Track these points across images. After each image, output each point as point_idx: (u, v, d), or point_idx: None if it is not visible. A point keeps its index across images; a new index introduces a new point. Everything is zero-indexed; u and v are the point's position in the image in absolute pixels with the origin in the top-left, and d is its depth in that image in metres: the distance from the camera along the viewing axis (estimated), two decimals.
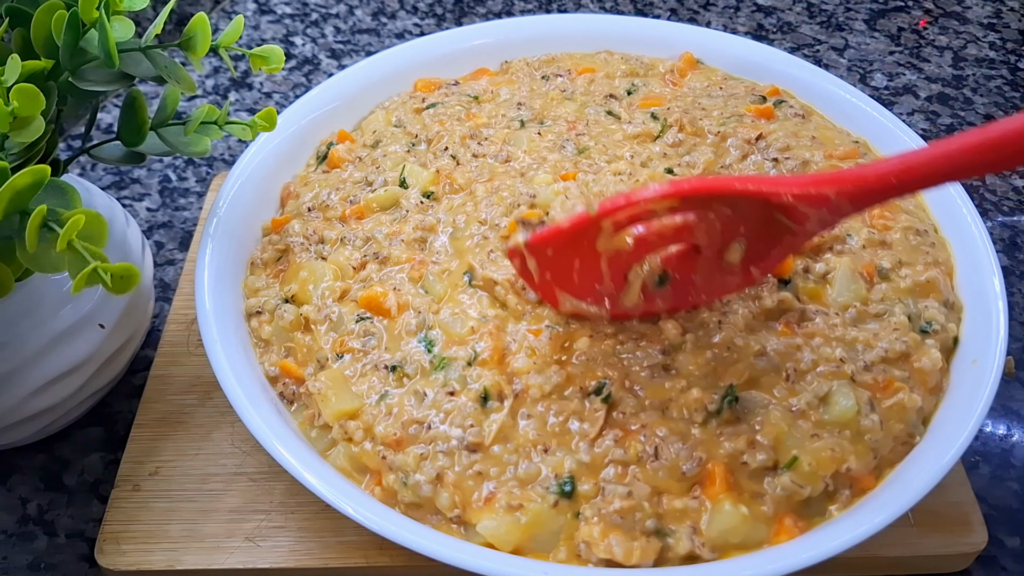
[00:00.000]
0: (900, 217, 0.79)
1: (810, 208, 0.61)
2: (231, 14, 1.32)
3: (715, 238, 0.66)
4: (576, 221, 0.65)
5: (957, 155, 0.56)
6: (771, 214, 0.63)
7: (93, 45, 0.65)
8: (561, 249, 0.67)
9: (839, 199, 0.60)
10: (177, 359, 0.86)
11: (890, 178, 0.59)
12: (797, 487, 0.65)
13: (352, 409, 0.70)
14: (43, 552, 0.77)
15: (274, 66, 0.74)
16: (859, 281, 0.74)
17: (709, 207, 0.64)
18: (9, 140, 0.60)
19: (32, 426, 0.78)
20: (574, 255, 0.68)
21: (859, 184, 0.60)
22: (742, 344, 0.69)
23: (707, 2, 1.34)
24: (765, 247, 0.65)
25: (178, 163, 1.10)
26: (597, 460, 0.65)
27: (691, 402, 0.67)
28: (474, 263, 0.74)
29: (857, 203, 0.61)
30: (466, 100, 0.92)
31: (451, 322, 0.72)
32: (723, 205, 0.64)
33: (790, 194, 0.61)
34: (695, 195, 0.63)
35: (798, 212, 0.62)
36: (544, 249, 0.67)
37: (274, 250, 0.82)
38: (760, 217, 0.63)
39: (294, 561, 0.73)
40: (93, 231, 0.58)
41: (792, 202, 0.61)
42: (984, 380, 0.70)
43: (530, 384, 0.68)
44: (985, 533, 0.74)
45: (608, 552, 0.63)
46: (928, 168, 0.58)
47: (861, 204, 0.61)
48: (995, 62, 1.25)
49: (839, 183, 0.60)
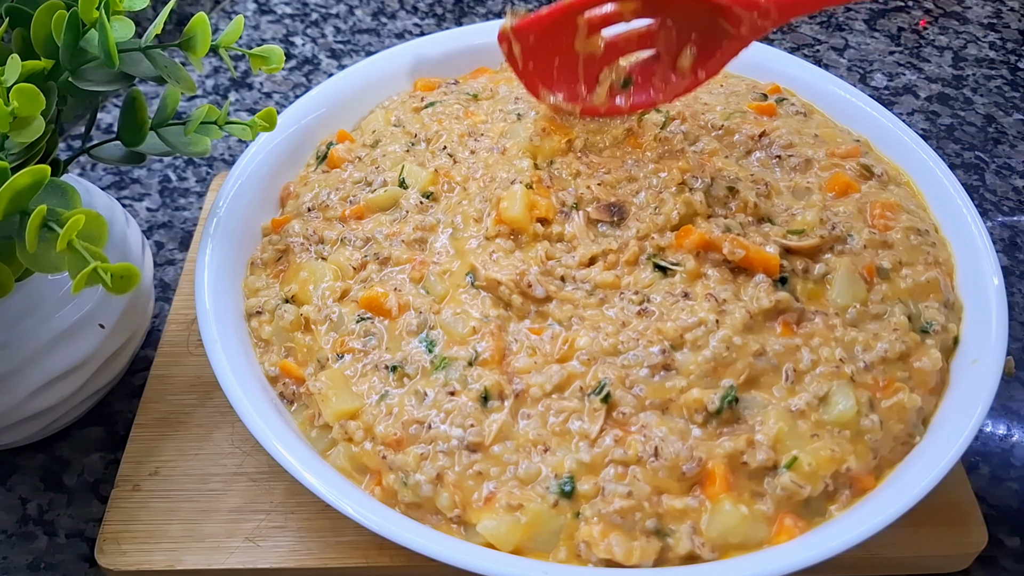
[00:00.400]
0: (901, 217, 0.79)
1: (744, 11, 0.74)
2: (231, 14, 1.32)
3: (671, 44, 0.80)
4: (555, 8, 0.78)
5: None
6: (715, 20, 0.76)
7: (93, 45, 0.65)
8: (542, 39, 0.80)
9: (767, 3, 0.73)
10: (177, 359, 0.86)
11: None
12: (797, 487, 0.65)
13: (352, 409, 0.70)
14: (43, 552, 0.77)
15: (274, 66, 0.74)
16: (859, 282, 0.74)
17: (666, 12, 0.79)
18: (9, 140, 0.60)
19: (32, 426, 0.78)
20: (554, 52, 0.81)
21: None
22: (741, 343, 0.69)
23: None
24: (710, 51, 0.78)
25: (178, 163, 1.10)
26: (597, 460, 0.65)
27: (691, 402, 0.67)
28: (476, 263, 0.74)
29: (784, 10, 0.73)
30: (465, 98, 0.92)
31: (452, 322, 0.72)
32: (675, 10, 0.78)
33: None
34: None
35: (733, 15, 0.74)
36: (527, 35, 0.79)
37: (274, 250, 0.82)
38: (705, 23, 0.77)
39: (294, 561, 0.73)
40: (93, 231, 0.58)
41: (728, 3, 0.74)
42: (984, 380, 0.70)
43: (530, 384, 0.68)
44: (985, 533, 0.74)
45: (608, 552, 0.63)
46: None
47: (787, 11, 0.74)
48: (995, 62, 1.25)
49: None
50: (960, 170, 1.10)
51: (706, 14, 0.76)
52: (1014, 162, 1.11)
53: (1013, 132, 1.15)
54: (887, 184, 0.83)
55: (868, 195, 0.81)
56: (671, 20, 0.79)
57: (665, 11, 0.79)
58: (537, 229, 0.76)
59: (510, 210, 0.75)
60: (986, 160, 1.11)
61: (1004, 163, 1.11)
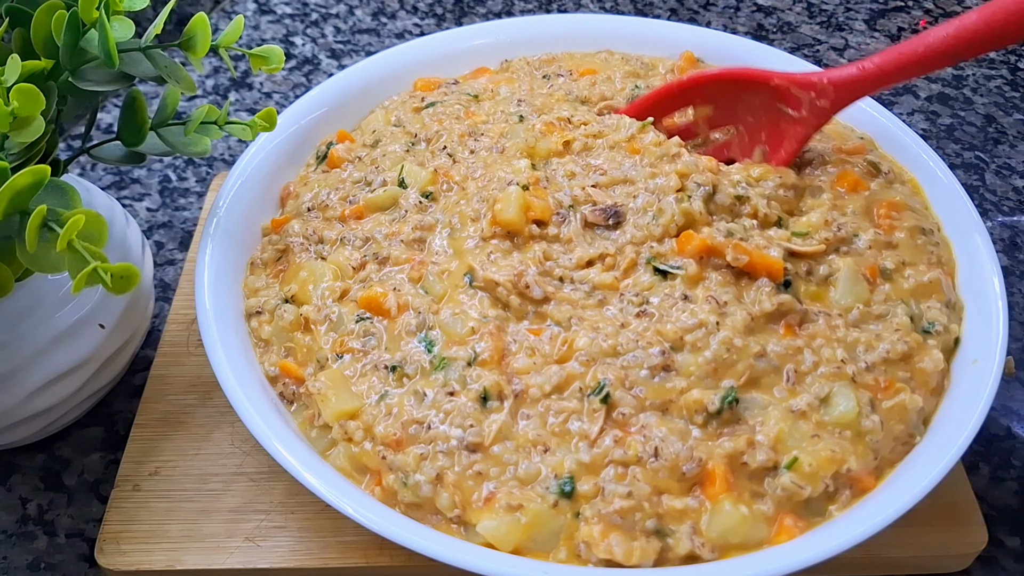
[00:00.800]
0: (906, 216, 0.79)
1: (801, 91, 0.77)
2: (231, 14, 1.32)
3: (745, 149, 0.83)
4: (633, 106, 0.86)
5: (940, 45, 0.70)
6: (777, 108, 0.79)
7: (93, 45, 0.65)
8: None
9: (823, 84, 0.76)
10: (177, 359, 0.86)
11: (872, 69, 0.74)
12: (797, 487, 0.65)
13: (352, 409, 0.70)
14: (43, 552, 0.77)
15: (274, 66, 0.74)
16: (862, 283, 0.74)
17: (735, 118, 0.82)
18: (9, 140, 0.60)
19: (32, 426, 0.78)
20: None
21: (843, 72, 0.75)
22: (741, 345, 0.69)
23: (707, 2, 1.34)
24: (778, 143, 0.80)
25: (178, 163, 1.10)
26: (597, 460, 0.65)
27: (691, 403, 0.67)
28: (474, 264, 0.74)
29: (841, 90, 0.75)
30: (465, 99, 0.92)
31: (451, 322, 0.72)
32: (743, 110, 0.81)
33: (780, 78, 0.78)
34: (708, 81, 0.82)
35: (792, 96, 0.77)
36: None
37: (274, 250, 0.82)
38: (770, 115, 0.80)
39: (294, 561, 0.73)
40: (93, 231, 0.58)
41: (786, 85, 0.77)
42: (984, 380, 0.70)
43: (530, 384, 0.68)
44: (985, 533, 0.74)
45: (608, 552, 0.63)
46: (911, 59, 0.72)
47: (846, 92, 0.75)
48: (995, 62, 1.25)
49: (827, 71, 0.76)
50: (960, 170, 1.10)
51: (769, 102, 0.79)
52: (1014, 162, 1.11)
53: (1013, 132, 1.15)
54: (893, 182, 0.83)
55: (876, 193, 0.81)
56: (742, 126, 0.83)
57: (734, 116, 0.83)
58: (533, 230, 0.76)
59: (505, 212, 0.75)
60: (986, 160, 1.11)
61: (1004, 163, 1.11)
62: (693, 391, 0.67)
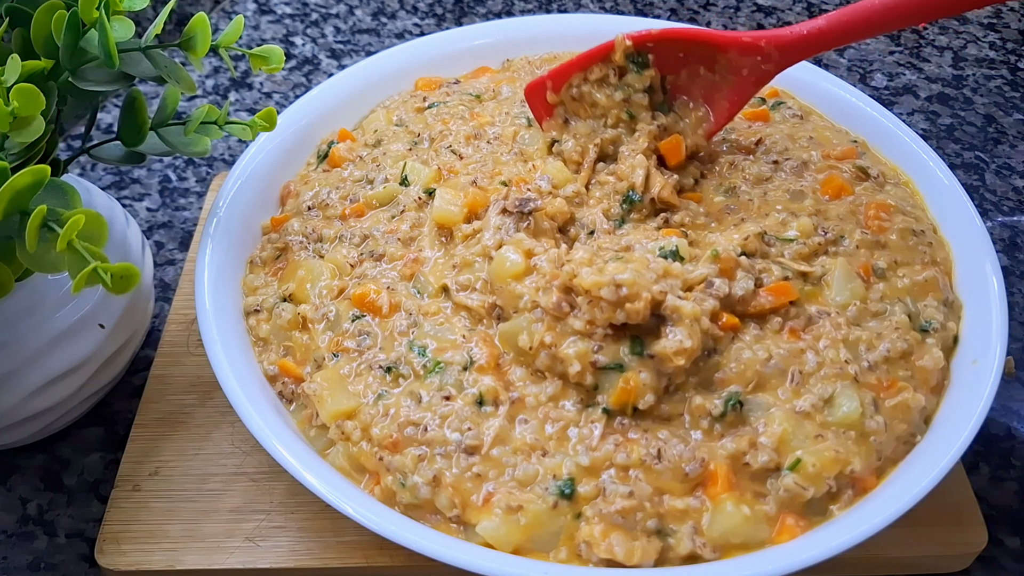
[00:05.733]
0: (896, 218, 0.79)
1: (745, 55, 0.76)
2: (231, 14, 1.32)
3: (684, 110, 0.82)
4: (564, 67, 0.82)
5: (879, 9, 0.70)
6: (716, 66, 0.78)
7: (93, 45, 0.65)
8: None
9: (768, 48, 0.75)
10: (177, 359, 0.86)
11: (816, 32, 0.73)
12: (800, 488, 0.64)
13: (349, 409, 0.70)
14: (43, 552, 0.77)
15: (274, 66, 0.74)
16: (856, 280, 0.74)
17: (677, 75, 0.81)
18: (9, 140, 0.60)
19: (32, 426, 0.78)
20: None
21: (789, 34, 0.74)
22: (749, 357, 0.69)
23: (707, 2, 1.34)
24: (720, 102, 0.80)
25: (178, 163, 1.10)
26: (597, 463, 0.65)
27: (694, 409, 0.67)
28: (449, 284, 0.74)
29: (786, 53, 0.75)
30: (468, 99, 0.92)
31: (439, 331, 0.72)
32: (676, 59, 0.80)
33: (725, 39, 0.76)
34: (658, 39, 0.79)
35: (736, 59, 0.76)
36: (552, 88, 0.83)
37: (273, 248, 0.82)
38: (710, 73, 0.79)
39: (294, 561, 0.73)
40: (93, 231, 0.58)
41: (727, 46, 0.76)
42: (984, 380, 0.70)
43: (526, 394, 0.68)
44: (985, 533, 0.74)
45: (609, 552, 0.63)
46: (859, 19, 0.71)
47: (791, 54, 0.75)
48: (995, 62, 1.25)
49: (771, 34, 0.75)
50: (960, 170, 1.10)
51: (711, 64, 0.78)
52: (1014, 162, 1.11)
53: (1013, 132, 1.15)
54: (883, 185, 0.83)
55: (861, 196, 0.81)
56: (683, 85, 0.81)
57: (676, 77, 0.81)
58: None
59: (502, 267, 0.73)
60: (986, 160, 1.11)
61: (1004, 163, 1.11)
62: (696, 398, 0.67)
